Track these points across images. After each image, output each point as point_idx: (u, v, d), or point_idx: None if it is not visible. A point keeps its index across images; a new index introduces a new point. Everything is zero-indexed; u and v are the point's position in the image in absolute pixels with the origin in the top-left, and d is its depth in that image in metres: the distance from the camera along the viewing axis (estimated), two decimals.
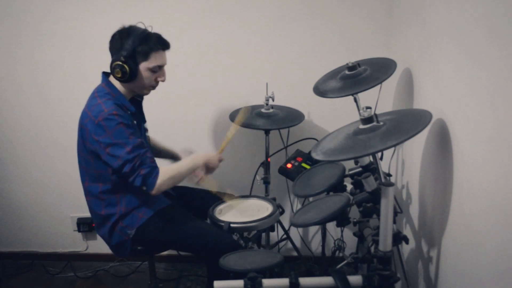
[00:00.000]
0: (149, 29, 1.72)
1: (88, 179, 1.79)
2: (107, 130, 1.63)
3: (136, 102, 1.86)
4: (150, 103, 1.93)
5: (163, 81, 1.79)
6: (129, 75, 1.68)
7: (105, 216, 1.80)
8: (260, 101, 2.18)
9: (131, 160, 1.63)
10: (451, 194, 1.37)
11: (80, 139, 1.75)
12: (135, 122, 1.80)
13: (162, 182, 1.68)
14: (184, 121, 2.41)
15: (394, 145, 1.14)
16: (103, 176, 1.74)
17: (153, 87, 1.80)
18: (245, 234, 1.93)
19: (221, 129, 2.38)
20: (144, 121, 1.92)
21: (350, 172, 1.71)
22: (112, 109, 1.64)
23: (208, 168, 1.84)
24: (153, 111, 2.02)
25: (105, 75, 1.79)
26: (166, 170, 1.71)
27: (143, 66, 1.70)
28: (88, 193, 1.82)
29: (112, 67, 1.68)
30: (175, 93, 2.34)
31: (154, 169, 1.68)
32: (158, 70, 1.74)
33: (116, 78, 1.71)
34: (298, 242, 2.55)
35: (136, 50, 1.67)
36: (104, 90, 1.74)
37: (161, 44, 1.72)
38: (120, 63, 1.66)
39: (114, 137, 1.63)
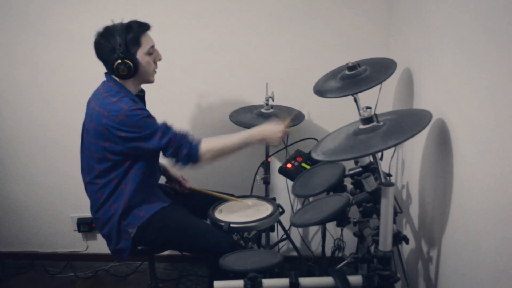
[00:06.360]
0: (122, 21, 1.73)
1: (91, 176, 1.80)
2: (133, 125, 1.66)
3: (140, 98, 1.87)
4: (150, 103, 1.92)
5: (160, 59, 1.81)
6: (134, 67, 1.70)
7: (107, 214, 1.80)
8: (260, 101, 2.18)
9: (169, 145, 1.70)
10: (451, 194, 1.37)
11: (92, 140, 1.74)
12: None
13: (205, 152, 1.73)
14: (183, 121, 2.40)
15: (395, 145, 1.14)
16: (104, 175, 1.76)
17: (155, 71, 1.82)
18: (245, 234, 1.93)
19: (221, 129, 2.37)
20: None
21: (350, 172, 1.71)
22: (132, 105, 1.68)
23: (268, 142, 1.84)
24: (152, 111, 2.01)
25: (109, 75, 1.78)
26: (211, 142, 1.76)
27: (140, 53, 1.73)
28: (89, 190, 1.83)
29: (115, 68, 1.69)
30: (175, 93, 2.34)
31: (191, 145, 1.73)
32: (152, 52, 1.77)
33: (123, 77, 1.72)
34: (298, 242, 2.55)
35: (127, 42, 1.69)
36: (114, 89, 1.74)
37: (143, 26, 1.76)
38: (120, 60, 1.68)
39: (142, 130, 1.67)
